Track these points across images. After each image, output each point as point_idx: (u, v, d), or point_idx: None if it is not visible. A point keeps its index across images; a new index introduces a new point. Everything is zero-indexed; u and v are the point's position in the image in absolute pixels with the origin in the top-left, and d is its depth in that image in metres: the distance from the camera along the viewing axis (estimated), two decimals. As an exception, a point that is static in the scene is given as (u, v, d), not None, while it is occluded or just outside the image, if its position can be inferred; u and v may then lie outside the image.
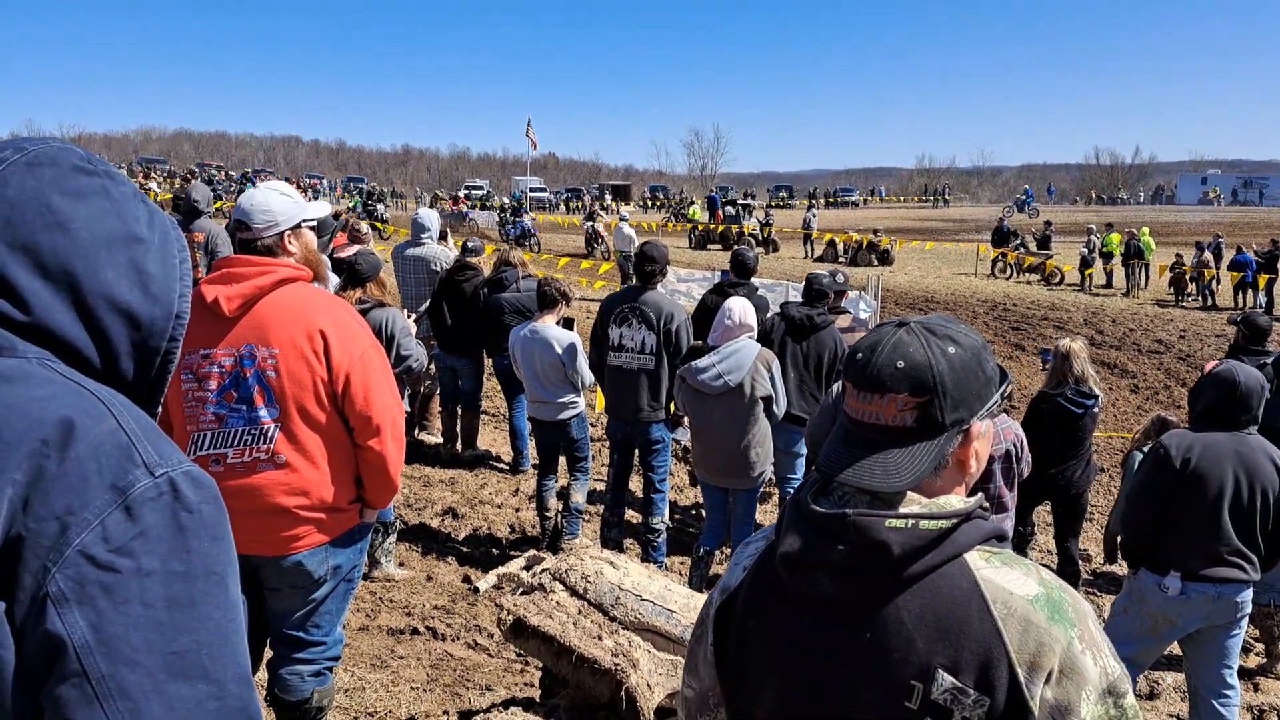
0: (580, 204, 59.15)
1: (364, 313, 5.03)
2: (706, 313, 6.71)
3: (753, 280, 7.52)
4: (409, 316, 5.54)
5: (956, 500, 1.31)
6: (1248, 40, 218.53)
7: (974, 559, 1.26)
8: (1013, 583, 1.24)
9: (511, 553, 5.99)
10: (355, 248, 6.75)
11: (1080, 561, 6.26)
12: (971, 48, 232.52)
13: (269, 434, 2.82)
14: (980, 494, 1.36)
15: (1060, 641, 1.21)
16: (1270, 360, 5.85)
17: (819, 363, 6.08)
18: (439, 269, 7.74)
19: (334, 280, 5.48)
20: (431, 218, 8.06)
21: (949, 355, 1.29)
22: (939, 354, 1.29)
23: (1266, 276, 20.57)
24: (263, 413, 2.81)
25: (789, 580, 1.32)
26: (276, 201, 3.03)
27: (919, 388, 1.28)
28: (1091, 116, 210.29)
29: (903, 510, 1.26)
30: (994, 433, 4.90)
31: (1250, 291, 20.83)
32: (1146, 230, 24.62)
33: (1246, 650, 5.50)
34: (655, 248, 5.70)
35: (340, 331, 2.88)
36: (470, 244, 8.02)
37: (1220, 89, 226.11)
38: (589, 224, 29.11)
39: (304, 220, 3.13)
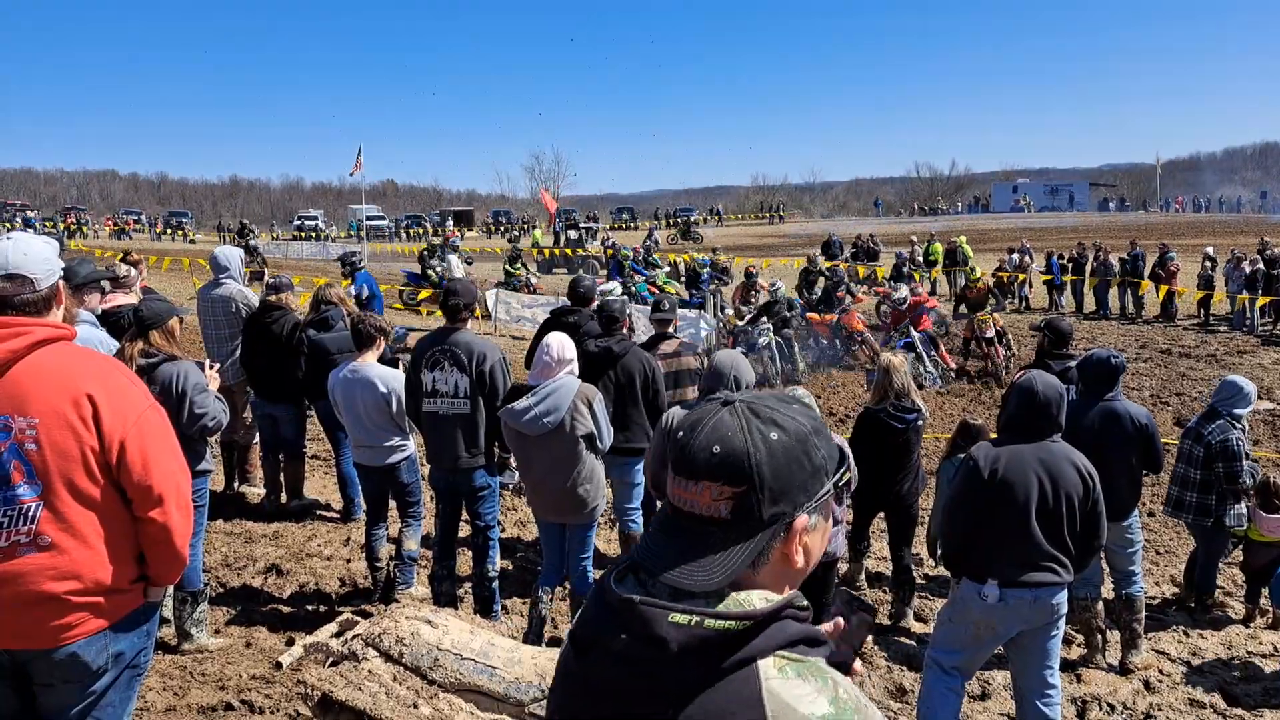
0: (421, 230, 57.86)
1: (153, 368, 4.61)
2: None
3: (590, 308, 7.38)
4: (211, 367, 5.07)
5: (758, 597, 1.19)
6: (1050, 53, 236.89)
7: (767, 666, 1.14)
8: (802, 700, 1.13)
9: (339, 609, 5.64)
10: (117, 299, 6.03)
11: (914, 568, 6.43)
12: (798, 67, 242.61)
13: (30, 514, 2.53)
14: (796, 591, 1.25)
15: None
16: (1074, 364, 6.16)
17: (632, 388, 5.98)
18: (239, 309, 7.22)
19: (101, 335, 5.00)
20: (231, 255, 7.50)
21: (770, 442, 1.18)
22: (759, 439, 1.18)
23: (1073, 278, 22.13)
24: (22, 490, 2.52)
25: (575, 661, 1.23)
26: (45, 248, 2.73)
27: (735, 476, 1.17)
28: (911, 131, 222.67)
29: (689, 605, 1.15)
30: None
31: (1059, 293, 22.37)
32: (964, 238, 26.04)
33: (1069, 643, 5.75)
34: (460, 283, 5.51)
35: (111, 394, 2.61)
36: (273, 281, 7.44)
37: (1026, 101, 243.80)
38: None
39: (62, 269, 2.85)
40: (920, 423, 5.93)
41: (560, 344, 4.83)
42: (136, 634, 2.77)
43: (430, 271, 21.52)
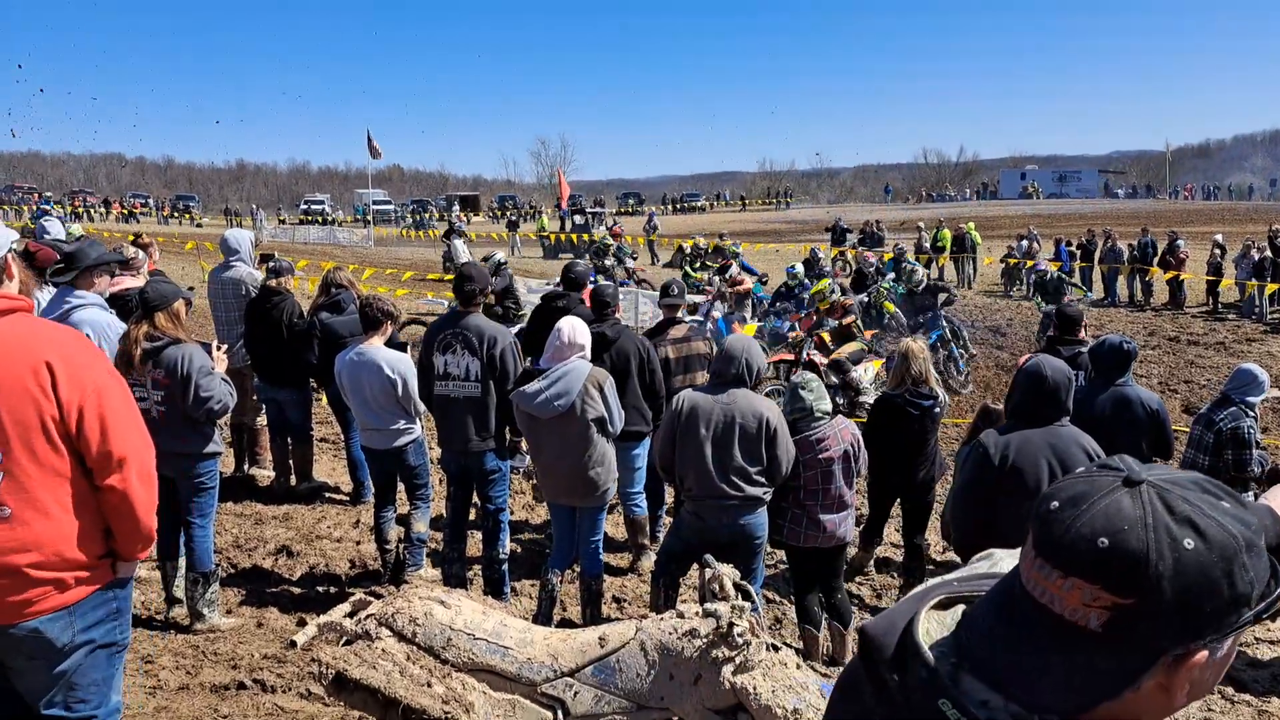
0: (426, 215, 57.83)
1: (158, 350, 4.61)
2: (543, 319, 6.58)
3: (579, 293, 7.35)
4: (220, 347, 5.07)
5: None
6: (1058, 43, 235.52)
7: None
8: None
9: (350, 590, 5.66)
10: (124, 282, 6.00)
11: (925, 552, 6.44)
12: (804, 52, 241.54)
13: None
14: None
15: None
16: (1085, 350, 6.15)
17: (628, 371, 5.97)
18: (249, 292, 7.22)
19: (110, 318, 4.99)
20: (241, 237, 7.50)
21: (1183, 552, 0.88)
22: (1166, 546, 0.89)
23: (1082, 265, 22.05)
24: None
25: (859, 658, 1.08)
26: None
27: (1122, 585, 0.88)
28: (918, 117, 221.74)
29: (980, 690, 0.94)
30: (835, 434, 4.98)
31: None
32: (972, 225, 25.96)
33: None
34: (474, 267, 5.53)
35: (69, 362, 2.58)
36: (273, 265, 7.38)
37: (1035, 87, 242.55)
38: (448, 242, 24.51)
39: (13, 242, 2.85)
40: (938, 410, 5.93)
41: (572, 328, 4.84)
42: (106, 611, 2.73)
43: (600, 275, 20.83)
